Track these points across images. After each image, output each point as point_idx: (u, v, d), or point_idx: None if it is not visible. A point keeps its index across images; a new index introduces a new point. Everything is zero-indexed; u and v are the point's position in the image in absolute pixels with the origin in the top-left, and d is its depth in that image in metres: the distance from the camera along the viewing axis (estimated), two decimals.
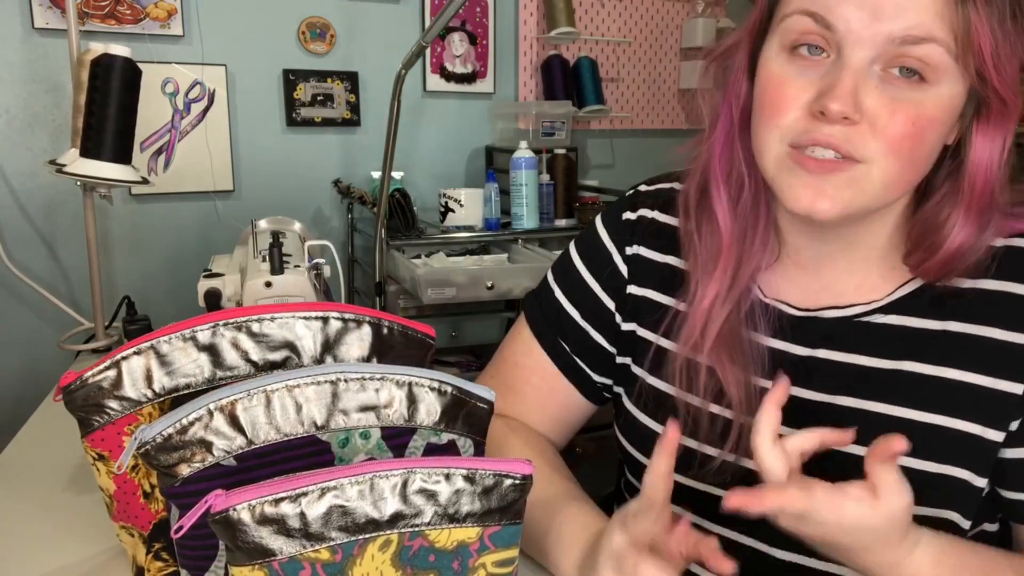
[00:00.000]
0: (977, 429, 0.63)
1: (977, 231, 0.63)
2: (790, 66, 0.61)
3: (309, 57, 2.34)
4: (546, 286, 0.86)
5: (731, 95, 0.69)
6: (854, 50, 0.58)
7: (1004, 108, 0.60)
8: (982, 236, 0.63)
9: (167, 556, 0.66)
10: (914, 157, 0.60)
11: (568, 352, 0.83)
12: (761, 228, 0.70)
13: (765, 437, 0.55)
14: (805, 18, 0.59)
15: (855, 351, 0.67)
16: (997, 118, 0.60)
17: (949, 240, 0.63)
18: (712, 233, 0.70)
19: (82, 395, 0.62)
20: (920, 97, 0.58)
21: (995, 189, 0.62)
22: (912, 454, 0.63)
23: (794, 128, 0.61)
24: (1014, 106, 0.60)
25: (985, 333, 0.63)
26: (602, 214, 0.84)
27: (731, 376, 0.69)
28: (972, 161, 0.62)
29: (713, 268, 0.69)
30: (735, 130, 0.69)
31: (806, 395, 0.68)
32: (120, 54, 1.24)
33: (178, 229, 2.27)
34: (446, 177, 2.57)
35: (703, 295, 0.70)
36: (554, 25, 2.53)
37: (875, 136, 0.58)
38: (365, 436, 0.59)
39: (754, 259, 0.70)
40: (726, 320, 0.69)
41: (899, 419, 0.65)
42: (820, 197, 0.60)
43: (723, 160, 0.70)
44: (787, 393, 0.56)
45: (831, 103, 0.57)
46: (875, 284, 0.68)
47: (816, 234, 0.69)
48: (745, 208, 0.69)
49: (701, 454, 0.71)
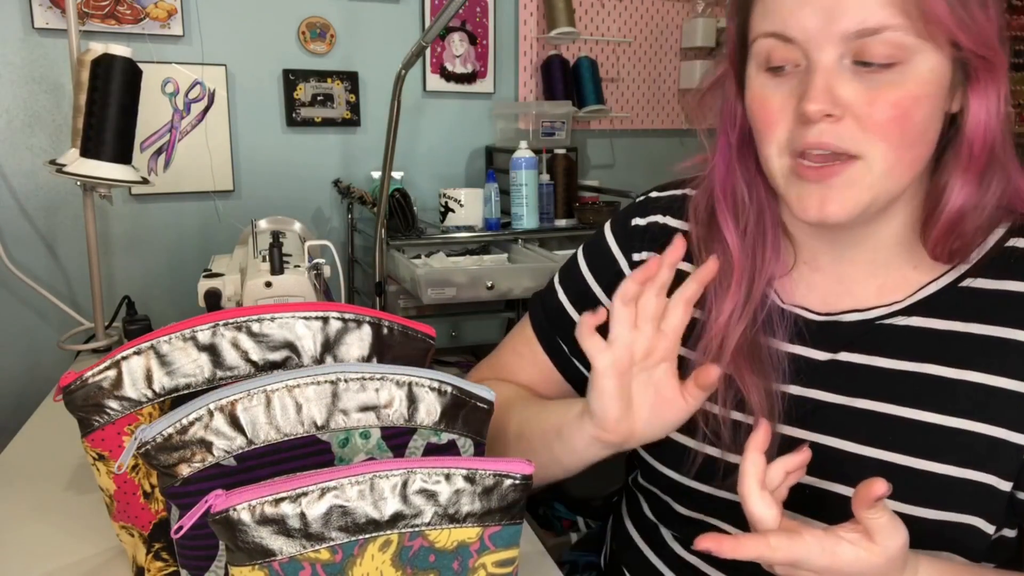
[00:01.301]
0: (1002, 433, 0.62)
1: (978, 191, 0.62)
2: (770, 83, 0.63)
3: (309, 57, 2.34)
4: (551, 287, 0.87)
5: (727, 122, 0.71)
6: (819, 52, 0.59)
7: (989, 66, 0.60)
8: (985, 196, 0.63)
9: (167, 556, 0.66)
10: (907, 138, 0.60)
11: (566, 352, 0.84)
12: (770, 241, 0.71)
13: (752, 485, 0.55)
14: (769, 39, 0.62)
15: (877, 354, 0.67)
16: (985, 77, 0.60)
17: (951, 203, 0.63)
18: (723, 252, 0.71)
19: (82, 395, 0.62)
20: (896, 79, 0.58)
21: (995, 147, 0.62)
22: (936, 458, 0.63)
23: (788, 138, 0.63)
24: (998, 62, 0.60)
25: (1009, 335, 0.63)
26: (612, 219, 0.85)
27: (751, 384, 0.68)
28: (968, 123, 0.61)
29: (728, 285, 0.70)
30: (733, 154, 0.71)
31: (829, 398, 0.68)
32: (120, 54, 1.24)
33: (178, 229, 2.27)
34: (446, 177, 2.57)
35: (719, 311, 0.70)
36: (554, 25, 2.53)
37: (862, 127, 0.59)
38: (365, 436, 0.59)
39: (766, 272, 0.70)
40: (743, 332, 0.69)
41: (922, 423, 0.64)
42: (827, 202, 0.62)
43: (726, 185, 0.72)
44: (769, 437, 0.57)
45: (808, 105, 0.59)
46: (897, 285, 0.68)
47: (830, 237, 0.70)
48: (750, 225, 0.71)
49: (724, 462, 0.71)
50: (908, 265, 0.68)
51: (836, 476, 0.67)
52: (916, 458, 0.64)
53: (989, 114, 0.61)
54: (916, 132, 0.60)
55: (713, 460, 0.71)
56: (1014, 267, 0.64)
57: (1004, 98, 0.61)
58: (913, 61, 0.58)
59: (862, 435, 0.66)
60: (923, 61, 0.58)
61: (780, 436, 0.69)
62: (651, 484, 0.80)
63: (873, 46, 0.58)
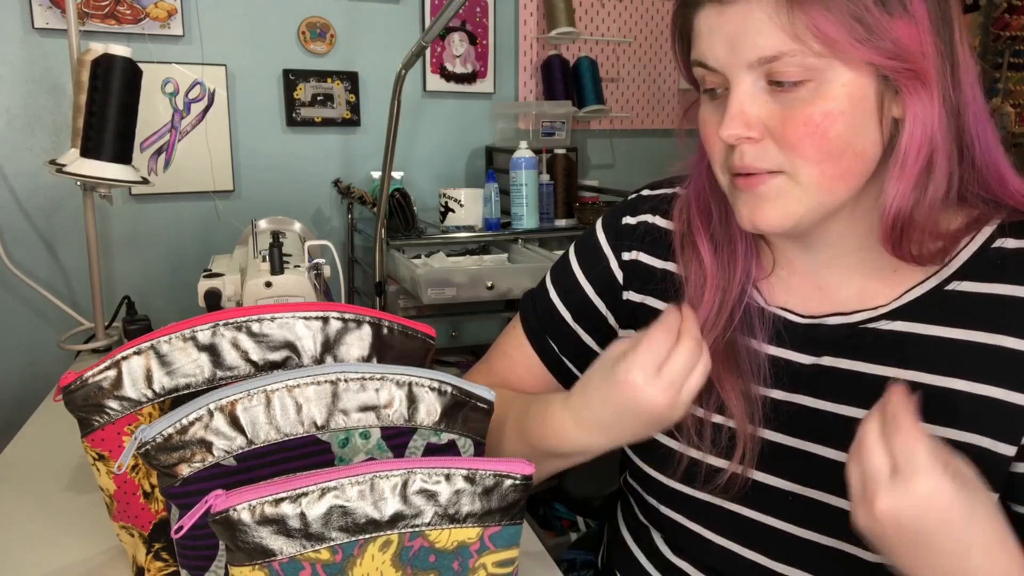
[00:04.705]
0: (987, 443, 0.61)
1: (912, 191, 0.61)
2: (708, 107, 0.66)
3: (309, 57, 2.34)
4: (543, 285, 0.86)
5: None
6: (734, 78, 0.61)
7: (912, 75, 0.58)
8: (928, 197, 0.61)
9: (167, 556, 0.66)
10: (825, 153, 0.60)
11: (555, 351, 0.84)
12: (740, 251, 0.72)
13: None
14: (698, 68, 0.65)
15: (860, 359, 0.66)
16: (912, 85, 0.59)
17: (887, 207, 0.62)
18: (697, 260, 0.73)
19: (82, 395, 0.62)
20: (807, 96, 0.59)
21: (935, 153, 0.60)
22: None
23: (723, 159, 0.65)
24: (923, 70, 0.58)
25: (996, 342, 0.61)
26: (603, 217, 0.84)
27: (729, 387, 0.68)
28: (904, 132, 0.60)
29: (701, 293, 0.72)
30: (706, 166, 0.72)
31: (812, 403, 0.67)
32: (120, 54, 1.24)
33: (178, 229, 2.28)
34: (446, 177, 2.57)
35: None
36: (554, 25, 2.53)
37: (779, 146, 0.61)
38: (365, 436, 0.59)
39: (738, 280, 0.71)
40: (717, 339, 0.69)
41: None
42: (756, 212, 0.64)
43: (701, 194, 0.74)
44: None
45: (722, 131, 0.62)
46: (878, 289, 0.67)
47: (797, 242, 0.70)
48: (720, 235, 0.72)
49: (706, 465, 0.71)
50: (887, 268, 0.67)
51: (818, 482, 0.66)
52: None
53: (924, 122, 0.59)
54: (836, 146, 0.59)
55: (696, 463, 0.71)
56: (1001, 269, 0.63)
57: (942, 100, 0.59)
58: (824, 79, 0.58)
59: (844, 441, 0.64)
60: (835, 77, 0.58)
61: (762, 440, 0.69)
62: (638, 485, 0.80)
63: (778, 70, 0.59)
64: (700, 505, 0.72)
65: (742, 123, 0.61)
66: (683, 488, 0.73)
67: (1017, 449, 0.61)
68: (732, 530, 0.71)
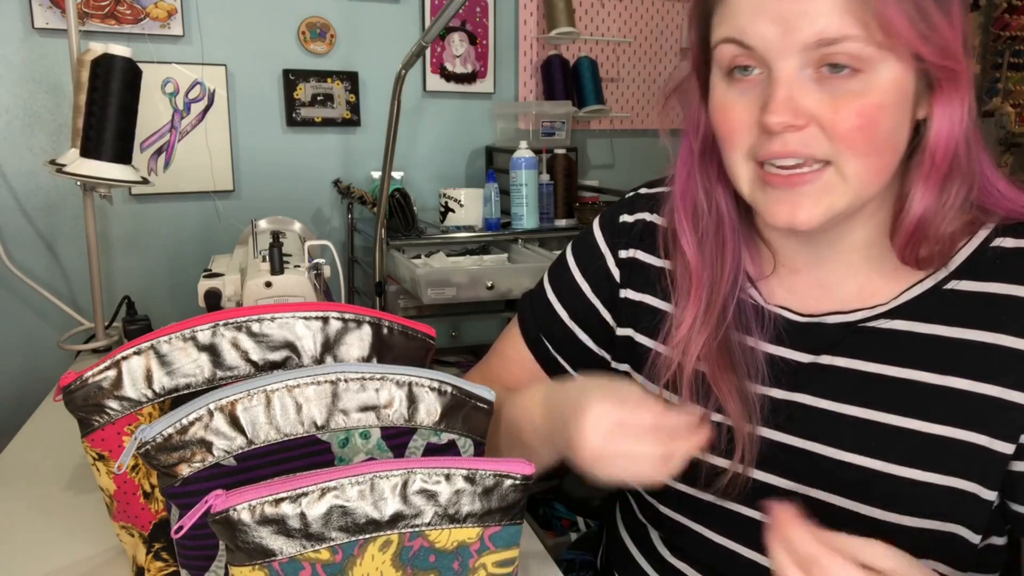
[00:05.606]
0: (985, 441, 0.61)
1: (939, 198, 0.62)
2: (732, 90, 0.63)
3: (309, 57, 2.34)
4: (541, 285, 0.86)
5: (690, 128, 0.72)
6: (779, 62, 0.59)
7: (952, 75, 0.59)
8: (947, 202, 0.62)
9: (167, 556, 0.66)
10: (873, 146, 0.59)
11: (550, 350, 0.83)
12: (730, 251, 0.71)
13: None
14: (729, 45, 0.61)
15: (859, 357, 0.66)
16: (948, 86, 0.60)
17: (912, 210, 0.62)
18: (682, 260, 0.72)
19: (82, 395, 0.62)
20: (859, 88, 0.58)
21: (958, 157, 0.61)
22: (919, 466, 0.62)
23: (753, 145, 0.62)
24: (961, 71, 0.59)
25: (994, 340, 0.61)
26: (600, 216, 0.84)
27: (724, 385, 0.68)
28: (932, 133, 0.61)
29: (687, 293, 0.71)
30: (695, 161, 0.71)
31: (810, 402, 0.68)
32: (120, 54, 1.24)
33: (178, 229, 2.27)
34: (446, 177, 2.57)
35: (680, 319, 0.71)
36: (554, 25, 2.53)
37: (827, 135, 0.59)
38: (365, 436, 0.59)
39: (726, 281, 0.70)
40: (709, 338, 0.69)
41: (904, 429, 0.63)
42: (798, 209, 0.61)
43: (686, 192, 0.72)
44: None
45: (769, 118, 0.59)
46: (878, 288, 0.67)
47: (803, 240, 0.69)
48: (709, 235, 0.71)
49: (707, 465, 0.71)
50: (888, 266, 0.67)
51: (817, 481, 0.66)
52: (898, 465, 0.63)
53: (952, 123, 0.60)
54: (882, 140, 0.59)
55: (697, 463, 0.71)
56: (998, 267, 0.63)
57: (968, 106, 0.60)
58: (874, 71, 0.57)
59: (843, 440, 0.65)
60: (885, 70, 0.58)
61: (761, 439, 0.69)
62: None
63: (833, 54, 0.57)
64: (700, 504, 0.72)
65: (790, 110, 0.58)
66: (683, 488, 0.73)
67: (1015, 447, 0.61)
68: (732, 529, 0.71)
